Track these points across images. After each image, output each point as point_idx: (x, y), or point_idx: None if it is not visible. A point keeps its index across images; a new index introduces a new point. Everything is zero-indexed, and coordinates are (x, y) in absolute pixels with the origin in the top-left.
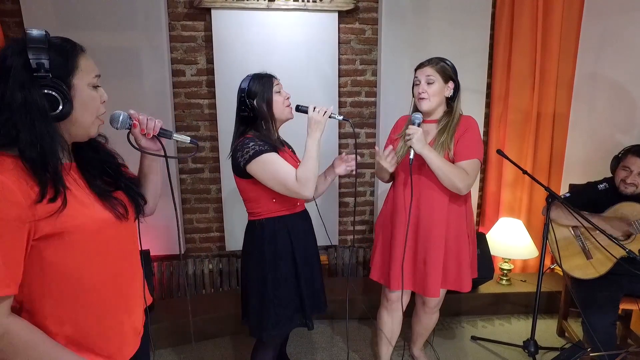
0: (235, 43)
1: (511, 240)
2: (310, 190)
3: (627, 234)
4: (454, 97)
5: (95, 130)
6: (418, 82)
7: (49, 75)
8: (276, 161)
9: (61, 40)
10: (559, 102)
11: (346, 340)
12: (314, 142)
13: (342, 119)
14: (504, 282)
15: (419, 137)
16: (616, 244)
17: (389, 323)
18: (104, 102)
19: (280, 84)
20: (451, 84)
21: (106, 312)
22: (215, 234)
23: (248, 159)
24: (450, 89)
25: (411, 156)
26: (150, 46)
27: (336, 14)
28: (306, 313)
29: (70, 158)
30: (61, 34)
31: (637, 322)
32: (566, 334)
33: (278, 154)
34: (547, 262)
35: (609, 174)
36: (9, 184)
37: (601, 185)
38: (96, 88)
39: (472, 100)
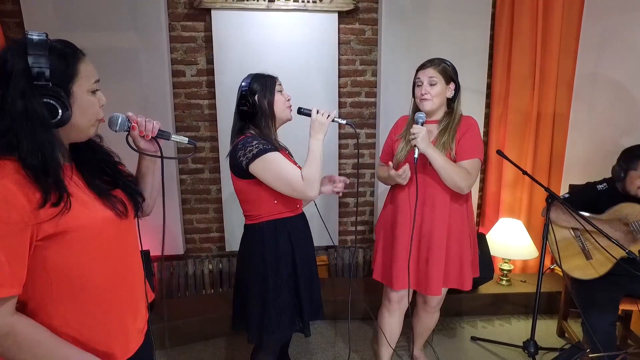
0: (235, 43)
1: (511, 241)
2: (316, 191)
3: (628, 233)
4: (455, 97)
5: (93, 131)
6: (420, 83)
7: (49, 84)
8: (281, 160)
9: (62, 45)
10: (559, 103)
11: (348, 340)
12: (318, 143)
13: (345, 122)
14: (504, 282)
15: (423, 136)
16: (616, 244)
17: (390, 324)
18: (102, 106)
19: (282, 85)
20: (452, 85)
21: (110, 309)
22: (215, 234)
23: (251, 157)
24: (451, 89)
25: (416, 155)
26: (150, 47)
27: (336, 15)
28: (304, 319)
29: (69, 159)
30: (61, 35)
31: (637, 323)
32: (566, 335)
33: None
34: (547, 263)
35: (609, 174)
36: (12, 187)
37: (600, 186)
38: (95, 93)
39: (472, 100)
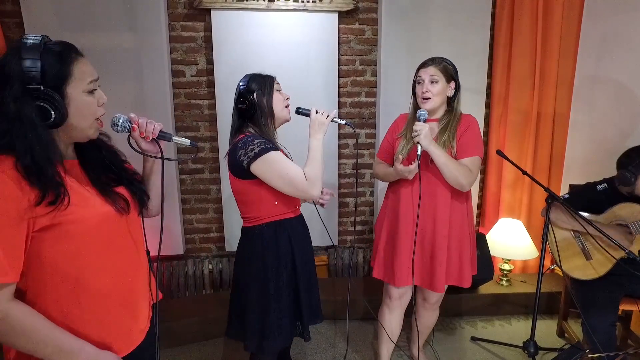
0: (235, 43)
1: (511, 241)
2: (319, 190)
3: (627, 233)
4: (455, 96)
5: (93, 132)
6: (421, 81)
7: (40, 87)
8: (284, 159)
9: (58, 47)
10: (559, 103)
11: (346, 340)
12: (318, 143)
13: (345, 123)
14: (503, 282)
15: (426, 133)
16: (616, 245)
17: (390, 321)
18: (102, 105)
19: (280, 85)
20: (453, 84)
21: (106, 304)
22: (215, 234)
23: (253, 157)
24: (451, 88)
25: (419, 152)
26: (150, 47)
27: (336, 15)
28: (304, 323)
29: (74, 156)
30: (61, 35)
31: (637, 323)
32: (566, 335)
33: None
34: (547, 263)
35: (609, 175)
36: (9, 181)
37: (600, 186)
38: (92, 92)
39: (472, 100)
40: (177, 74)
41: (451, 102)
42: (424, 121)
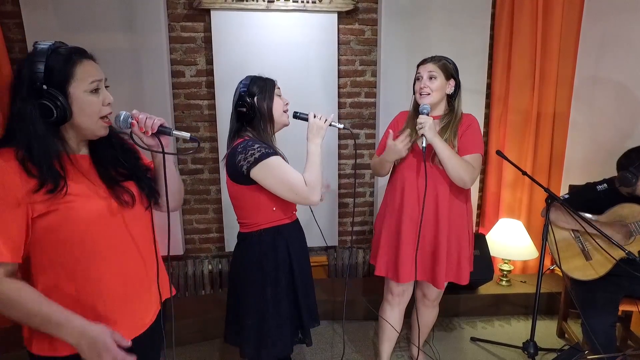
0: (235, 44)
1: (511, 241)
2: (318, 196)
3: (627, 234)
4: (455, 95)
5: (101, 130)
6: (420, 77)
7: (44, 87)
8: (284, 165)
9: (66, 50)
10: (559, 103)
11: (343, 339)
12: (317, 148)
13: (343, 127)
14: (503, 283)
15: (430, 125)
16: (616, 245)
17: (391, 318)
18: (108, 105)
19: (280, 90)
20: (452, 82)
21: (104, 293)
22: (214, 234)
23: (253, 162)
24: (451, 86)
25: (423, 144)
26: (150, 47)
27: (335, 15)
28: (304, 328)
29: (86, 151)
30: (61, 36)
31: (637, 324)
32: (566, 335)
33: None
34: (546, 263)
35: (609, 175)
36: (9, 169)
37: (600, 187)
38: (96, 92)
39: (472, 100)
40: (177, 74)
41: (452, 100)
42: (428, 114)
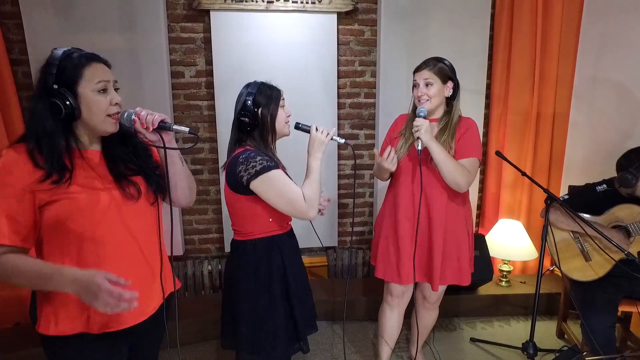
0: (234, 44)
1: (511, 242)
2: (315, 212)
3: (627, 234)
4: (454, 95)
5: (110, 127)
6: (417, 85)
7: (54, 86)
8: (284, 179)
9: (77, 54)
10: (559, 103)
11: (343, 340)
12: (318, 163)
13: (344, 142)
14: (503, 283)
15: (426, 128)
16: (615, 246)
17: (391, 319)
18: (116, 104)
19: (285, 101)
20: (450, 84)
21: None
22: (214, 235)
23: (254, 174)
24: (449, 88)
25: (419, 147)
26: (149, 48)
27: (335, 15)
28: (300, 335)
29: (98, 147)
30: (60, 36)
31: (637, 324)
32: (566, 336)
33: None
34: (546, 264)
35: (609, 176)
36: (19, 161)
37: (600, 187)
38: (104, 92)
39: (472, 101)
40: (177, 75)
41: (451, 101)
42: (425, 117)
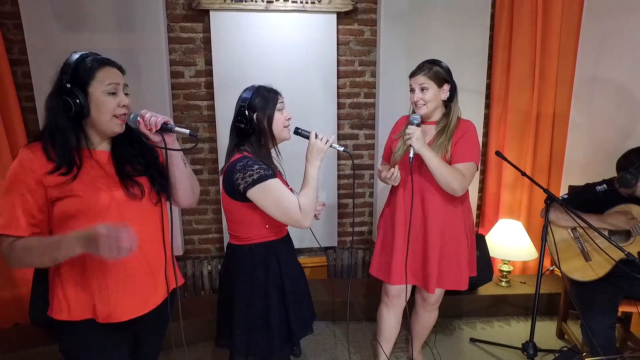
0: (234, 44)
1: (511, 242)
2: (310, 221)
3: (627, 234)
4: (452, 97)
5: (116, 127)
6: (413, 90)
7: (67, 86)
8: (280, 188)
9: (91, 58)
10: (559, 103)
11: (347, 341)
12: (315, 171)
13: (343, 150)
14: (503, 283)
15: (418, 136)
16: (615, 246)
17: (388, 319)
18: (123, 106)
19: (284, 102)
20: (446, 87)
21: (106, 274)
22: (214, 235)
23: (251, 183)
24: (445, 91)
25: (411, 154)
26: (149, 48)
27: (335, 15)
28: (294, 339)
29: (107, 147)
30: (60, 36)
31: (637, 325)
32: (566, 336)
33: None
34: (546, 264)
35: (609, 175)
36: (31, 156)
37: (599, 187)
38: (113, 94)
39: (472, 101)
40: (176, 75)
41: (449, 103)
42: (417, 125)
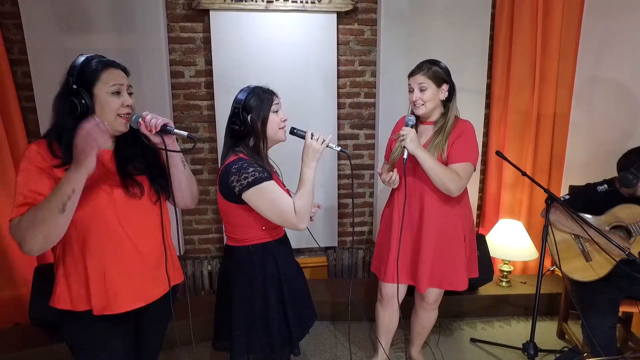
0: (234, 44)
1: (511, 242)
2: (306, 224)
3: (627, 234)
4: (450, 97)
5: (120, 126)
6: (412, 90)
7: (74, 86)
8: (276, 190)
9: (97, 60)
10: (559, 103)
11: (348, 341)
12: (311, 172)
13: (340, 150)
14: (503, 283)
15: (412, 138)
16: (616, 246)
17: (383, 316)
18: (127, 106)
19: (280, 103)
20: (445, 87)
21: (105, 265)
22: (214, 235)
23: (246, 185)
24: (444, 91)
25: (405, 156)
26: (149, 48)
27: (335, 15)
28: (292, 340)
29: (111, 146)
30: (60, 36)
31: (638, 325)
32: (566, 337)
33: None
34: (547, 264)
35: (609, 175)
36: (37, 150)
37: (600, 187)
38: (117, 94)
39: (472, 101)
40: (176, 74)
41: (447, 103)
42: (412, 126)
